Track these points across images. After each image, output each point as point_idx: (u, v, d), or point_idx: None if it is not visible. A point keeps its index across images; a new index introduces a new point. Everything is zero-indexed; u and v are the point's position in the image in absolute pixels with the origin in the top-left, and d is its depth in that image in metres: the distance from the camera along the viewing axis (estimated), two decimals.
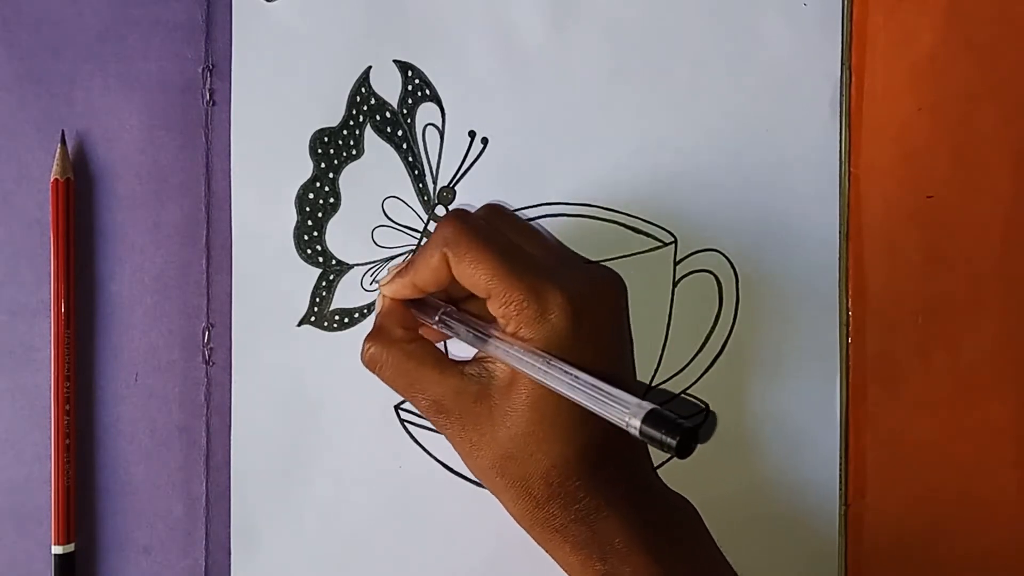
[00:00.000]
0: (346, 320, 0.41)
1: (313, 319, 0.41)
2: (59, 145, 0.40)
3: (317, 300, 0.41)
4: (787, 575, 0.40)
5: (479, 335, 0.34)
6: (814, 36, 0.40)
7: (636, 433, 0.30)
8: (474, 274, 0.33)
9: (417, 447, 0.40)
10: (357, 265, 0.41)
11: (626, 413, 0.30)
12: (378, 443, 0.40)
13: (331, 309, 0.41)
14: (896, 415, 0.40)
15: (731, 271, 0.40)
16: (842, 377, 0.40)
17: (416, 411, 0.40)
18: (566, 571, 0.34)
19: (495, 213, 0.38)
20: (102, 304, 0.41)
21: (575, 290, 0.33)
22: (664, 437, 0.29)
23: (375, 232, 0.41)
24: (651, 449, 0.36)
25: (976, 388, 0.40)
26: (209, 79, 0.41)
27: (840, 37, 0.40)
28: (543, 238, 0.39)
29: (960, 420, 0.40)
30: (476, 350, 0.35)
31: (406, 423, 0.40)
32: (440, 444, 0.40)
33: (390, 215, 0.41)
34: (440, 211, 0.41)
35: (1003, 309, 0.40)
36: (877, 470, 0.40)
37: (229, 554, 0.41)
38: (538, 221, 0.40)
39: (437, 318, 0.36)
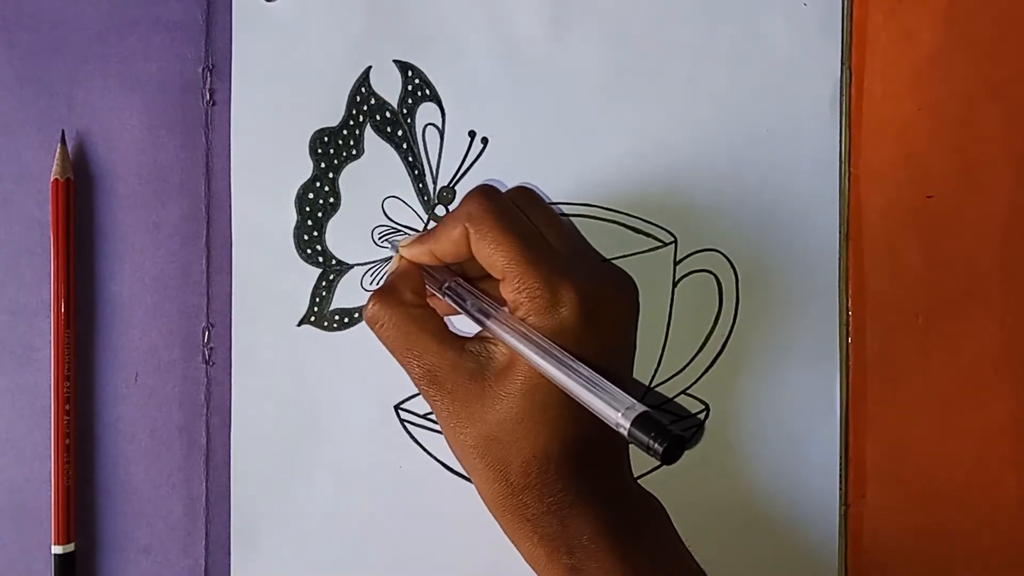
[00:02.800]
0: (346, 320, 0.41)
1: (313, 319, 0.41)
2: (59, 145, 0.40)
3: (317, 300, 0.41)
4: (787, 575, 0.40)
5: (483, 310, 0.34)
6: (814, 36, 0.40)
7: (624, 433, 0.30)
8: (492, 255, 0.33)
9: (417, 447, 0.40)
10: (357, 265, 0.41)
11: (617, 412, 0.30)
12: (378, 443, 0.40)
13: (331, 309, 0.41)
14: (896, 415, 0.40)
15: (731, 271, 0.40)
16: (842, 377, 0.40)
17: (416, 411, 0.40)
18: (530, 562, 0.34)
19: (523, 196, 0.37)
20: (102, 304, 0.41)
21: (588, 287, 0.33)
22: (652, 442, 0.29)
23: (375, 232, 0.41)
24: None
25: (976, 388, 0.40)
26: (209, 79, 0.41)
27: (840, 37, 0.40)
28: (566, 230, 0.38)
29: (960, 420, 0.40)
30: (479, 329, 0.35)
31: (406, 423, 0.40)
32: (440, 444, 0.40)
33: (390, 215, 0.41)
34: (440, 211, 0.41)
35: (1003, 309, 0.40)
36: (877, 470, 0.40)
37: (229, 554, 0.41)
38: None
39: (444, 286, 0.36)
